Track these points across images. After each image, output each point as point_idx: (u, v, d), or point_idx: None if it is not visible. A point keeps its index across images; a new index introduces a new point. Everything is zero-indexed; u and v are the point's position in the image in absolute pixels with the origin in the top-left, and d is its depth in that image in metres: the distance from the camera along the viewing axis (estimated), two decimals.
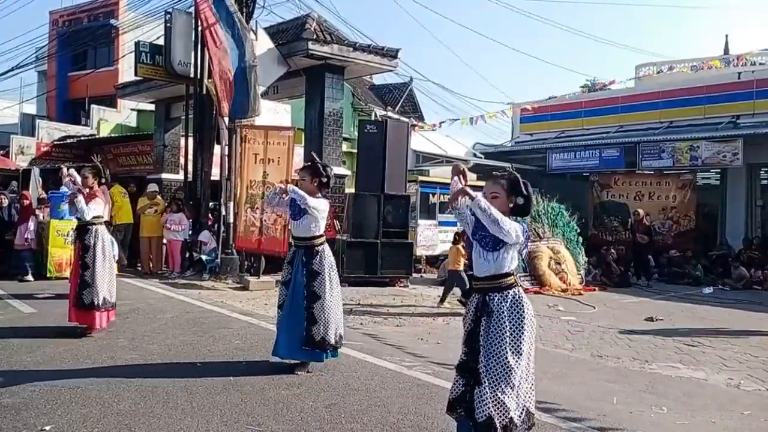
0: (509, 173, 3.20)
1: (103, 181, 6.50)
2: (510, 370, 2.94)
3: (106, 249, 6.23)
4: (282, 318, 4.94)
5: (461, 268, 8.84)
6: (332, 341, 4.88)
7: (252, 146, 10.34)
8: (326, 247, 4.98)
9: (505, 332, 2.96)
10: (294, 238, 5.09)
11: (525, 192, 3.10)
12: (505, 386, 2.92)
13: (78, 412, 3.89)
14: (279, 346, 4.87)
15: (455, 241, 9.23)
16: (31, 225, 10.04)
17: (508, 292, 3.05)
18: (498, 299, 3.04)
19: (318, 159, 5.21)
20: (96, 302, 6.06)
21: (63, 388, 4.34)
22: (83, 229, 6.20)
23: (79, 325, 6.12)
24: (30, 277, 9.74)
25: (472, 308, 3.12)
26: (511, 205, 3.10)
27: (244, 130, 10.51)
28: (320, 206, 4.83)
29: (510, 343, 2.96)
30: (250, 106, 10.29)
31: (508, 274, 3.06)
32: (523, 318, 3.00)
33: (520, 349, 2.97)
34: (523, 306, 3.03)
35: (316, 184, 4.84)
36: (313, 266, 4.83)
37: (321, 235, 4.96)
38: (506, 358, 2.94)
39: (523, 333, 2.98)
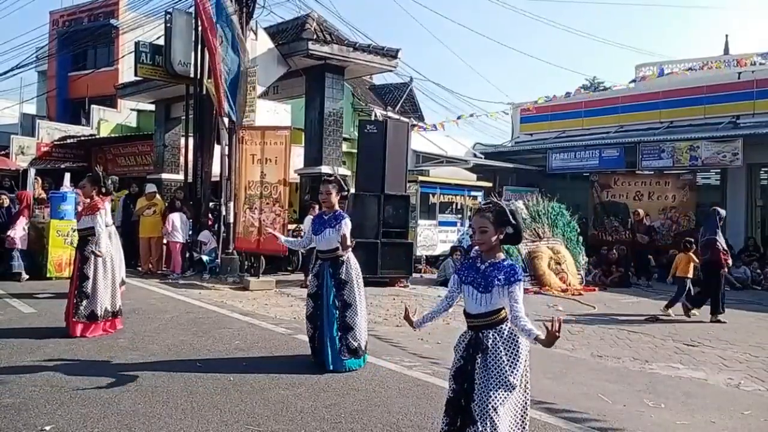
0: (494, 205, 3.09)
1: (104, 191, 6.34)
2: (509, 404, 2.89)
3: (106, 259, 6.16)
4: (319, 332, 5.06)
5: (690, 275, 8.94)
6: (364, 346, 5.12)
7: (249, 147, 10.35)
8: (351, 256, 5.15)
9: (504, 368, 2.90)
10: (318, 251, 5.26)
11: (513, 221, 3.01)
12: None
13: (78, 412, 3.89)
14: (327, 360, 4.98)
15: (686, 248, 9.11)
16: (19, 225, 9.94)
17: (502, 327, 2.98)
18: (492, 335, 2.96)
19: (336, 174, 5.53)
20: (97, 313, 6.03)
21: (63, 388, 4.34)
22: (84, 241, 6.15)
23: (81, 337, 5.91)
24: (25, 275, 9.67)
25: (463, 344, 3.06)
26: (501, 236, 3.01)
27: (241, 131, 10.52)
28: (349, 227, 5.08)
29: (510, 374, 2.90)
30: (238, 114, 10.34)
31: (500, 309, 2.99)
32: (519, 352, 2.94)
33: (516, 380, 2.91)
34: (518, 340, 2.96)
35: (339, 197, 5.12)
36: (341, 275, 5.03)
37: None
38: (508, 390, 2.88)
39: (518, 366, 2.92)
